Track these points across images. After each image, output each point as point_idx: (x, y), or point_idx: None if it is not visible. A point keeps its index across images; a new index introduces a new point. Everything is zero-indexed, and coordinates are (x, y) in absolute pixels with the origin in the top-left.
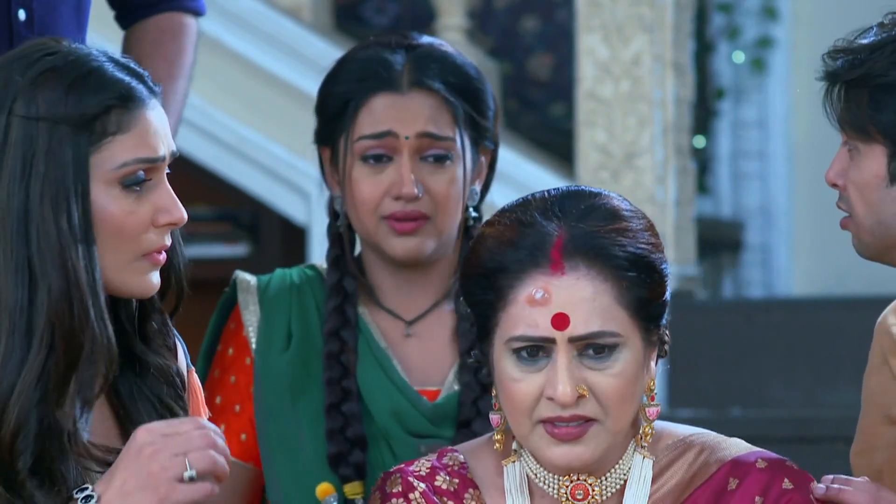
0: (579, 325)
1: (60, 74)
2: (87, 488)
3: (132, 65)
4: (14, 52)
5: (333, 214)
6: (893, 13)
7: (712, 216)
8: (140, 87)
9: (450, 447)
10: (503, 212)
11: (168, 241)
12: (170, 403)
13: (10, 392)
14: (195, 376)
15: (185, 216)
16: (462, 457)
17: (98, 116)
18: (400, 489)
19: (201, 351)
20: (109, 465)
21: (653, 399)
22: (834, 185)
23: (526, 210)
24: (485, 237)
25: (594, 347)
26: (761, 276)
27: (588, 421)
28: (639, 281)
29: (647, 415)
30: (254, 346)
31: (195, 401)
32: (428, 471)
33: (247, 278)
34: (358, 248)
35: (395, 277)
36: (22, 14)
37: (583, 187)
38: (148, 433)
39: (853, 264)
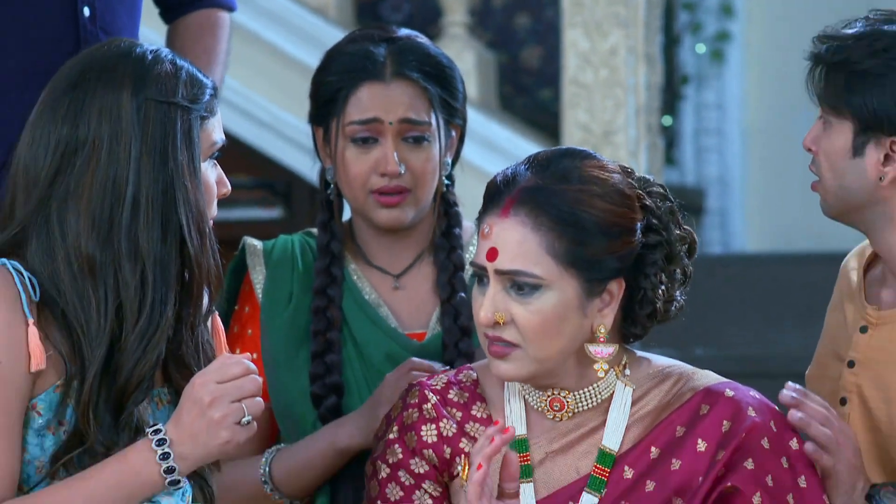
0: (505, 261)
1: (175, 66)
2: (158, 427)
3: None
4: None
5: (324, 184)
6: (878, 10)
7: (678, 184)
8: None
9: (467, 365)
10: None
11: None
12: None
13: (155, 330)
14: (218, 318)
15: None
16: (475, 374)
17: (202, 101)
18: (416, 401)
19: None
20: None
21: (601, 341)
22: (808, 150)
23: (530, 159)
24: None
25: (518, 284)
26: (720, 236)
27: (512, 346)
28: (573, 237)
29: (592, 353)
30: (260, 302)
31: (218, 340)
32: (443, 385)
33: (254, 243)
34: (347, 214)
35: (381, 239)
36: (86, 11)
37: (586, 152)
38: (203, 384)
39: (799, 224)
